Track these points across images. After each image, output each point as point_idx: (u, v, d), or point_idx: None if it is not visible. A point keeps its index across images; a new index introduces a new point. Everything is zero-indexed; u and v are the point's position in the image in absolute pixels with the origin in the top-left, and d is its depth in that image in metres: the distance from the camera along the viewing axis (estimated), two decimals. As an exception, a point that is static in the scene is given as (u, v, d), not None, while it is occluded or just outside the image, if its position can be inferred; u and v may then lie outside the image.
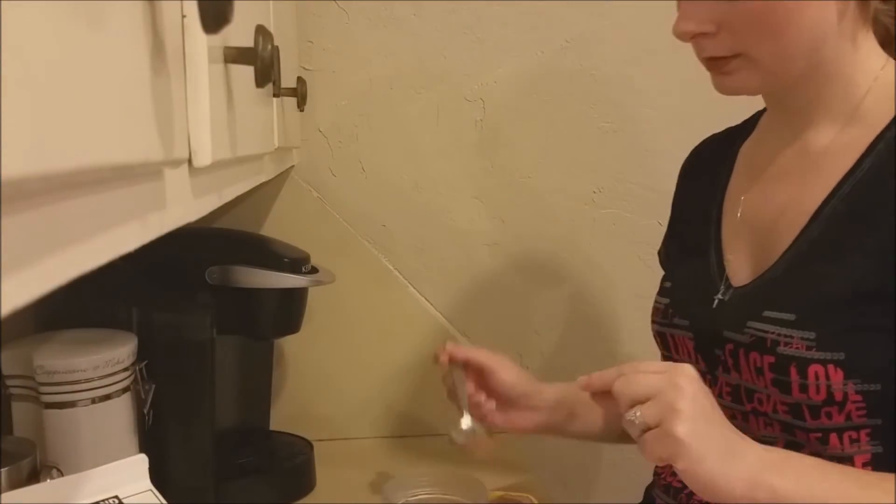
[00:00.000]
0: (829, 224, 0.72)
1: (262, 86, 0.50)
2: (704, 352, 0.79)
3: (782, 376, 0.69)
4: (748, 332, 0.73)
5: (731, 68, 0.72)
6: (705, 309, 0.79)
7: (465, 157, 1.26)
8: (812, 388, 0.67)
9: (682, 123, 1.24)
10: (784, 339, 0.70)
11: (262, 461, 1.10)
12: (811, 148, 0.76)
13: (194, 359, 0.92)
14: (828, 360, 0.67)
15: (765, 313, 0.72)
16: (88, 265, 0.27)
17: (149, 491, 0.64)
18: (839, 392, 0.67)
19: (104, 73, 0.26)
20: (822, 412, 0.68)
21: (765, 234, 0.77)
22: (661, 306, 0.86)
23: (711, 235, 0.84)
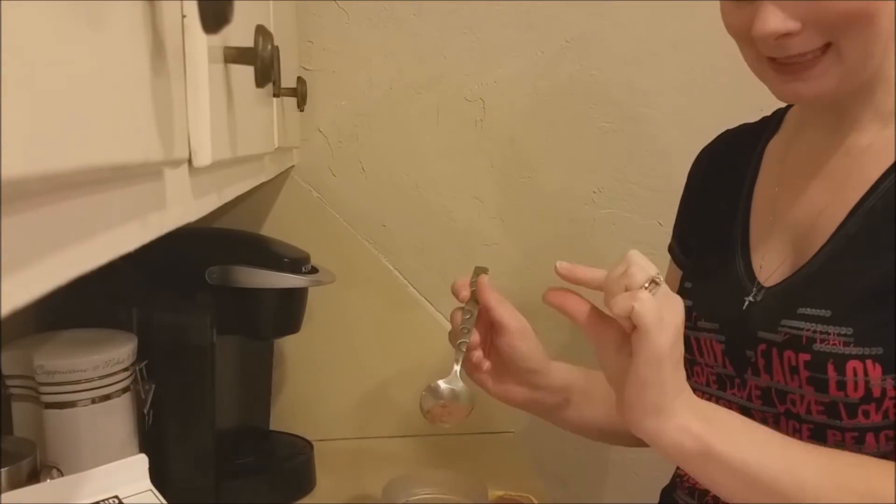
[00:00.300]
0: (866, 220, 0.71)
1: (262, 86, 0.50)
2: (733, 355, 0.78)
3: (819, 374, 0.69)
4: (782, 330, 0.72)
5: (818, 71, 0.69)
6: (735, 311, 0.78)
7: (465, 157, 1.26)
8: (850, 384, 0.67)
9: (682, 123, 1.25)
10: (820, 335, 0.69)
11: (262, 461, 1.10)
12: (854, 148, 0.75)
13: (194, 359, 0.92)
14: (866, 356, 0.67)
15: (799, 310, 0.71)
16: (88, 265, 0.27)
17: (149, 491, 0.64)
18: (878, 388, 0.66)
19: (104, 73, 0.26)
20: (859, 410, 0.68)
21: (801, 233, 0.76)
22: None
23: (738, 235, 0.83)
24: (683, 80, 1.24)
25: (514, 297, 1.30)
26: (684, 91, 1.24)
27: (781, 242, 0.78)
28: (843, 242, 0.72)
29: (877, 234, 0.70)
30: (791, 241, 0.77)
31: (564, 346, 1.31)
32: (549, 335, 1.31)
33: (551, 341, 1.32)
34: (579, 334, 1.33)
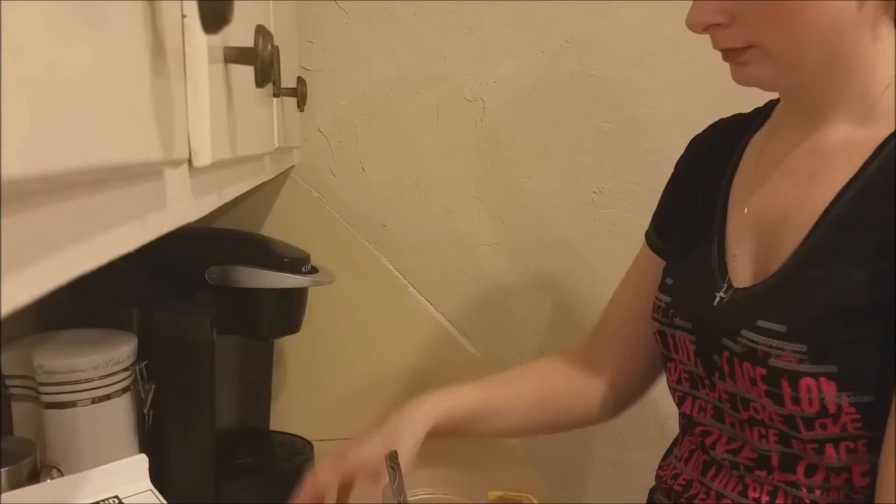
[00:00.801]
0: (828, 229, 0.70)
1: (262, 86, 0.50)
2: (704, 357, 0.77)
3: (774, 388, 0.68)
4: (741, 341, 0.71)
5: (745, 59, 0.71)
6: (706, 309, 0.77)
7: (465, 157, 1.26)
8: (804, 400, 0.66)
9: (682, 123, 1.24)
10: (775, 351, 0.68)
11: (262, 461, 1.10)
12: (822, 146, 0.74)
13: (194, 359, 0.92)
14: (819, 373, 0.65)
15: (758, 323, 0.70)
16: (88, 265, 0.27)
17: (149, 491, 0.64)
18: (832, 404, 0.65)
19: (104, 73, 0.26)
20: (816, 424, 0.67)
21: (770, 234, 0.75)
22: (662, 304, 0.83)
23: (715, 228, 0.81)
24: (683, 80, 1.24)
25: (514, 297, 1.30)
26: (684, 91, 1.24)
27: (752, 240, 0.77)
28: (806, 253, 0.70)
29: (835, 245, 0.69)
30: (761, 241, 0.76)
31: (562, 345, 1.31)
32: (548, 335, 1.31)
33: (549, 340, 1.32)
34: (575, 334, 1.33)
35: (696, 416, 0.80)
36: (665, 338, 0.82)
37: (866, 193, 0.68)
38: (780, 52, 0.69)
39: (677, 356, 0.81)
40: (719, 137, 0.89)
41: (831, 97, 0.72)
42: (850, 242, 0.68)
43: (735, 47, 0.70)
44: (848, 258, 0.67)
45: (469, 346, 1.27)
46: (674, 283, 0.84)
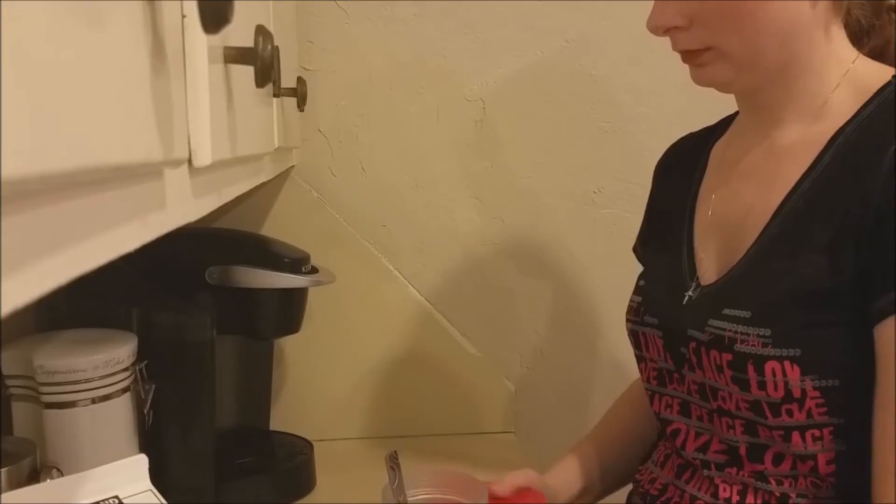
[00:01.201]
0: (786, 221, 0.72)
1: (262, 86, 0.50)
2: (672, 350, 0.79)
3: (740, 374, 0.70)
4: (708, 329, 0.73)
5: (703, 61, 0.73)
6: (674, 307, 0.79)
7: (465, 157, 1.26)
8: (770, 384, 0.68)
9: (682, 123, 1.24)
10: (741, 336, 0.70)
11: (262, 461, 1.10)
12: (777, 146, 0.76)
13: (194, 359, 0.92)
14: (784, 357, 0.67)
15: (724, 311, 0.72)
16: (88, 265, 0.27)
17: (149, 491, 0.64)
18: (797, 388, 0.67)
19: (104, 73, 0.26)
20: (782, 409, 0.68)
21: (732, 232, 0.77)
22: (634, 304, 0.86)
23: (684, 233, 0.84)
24: (683, 80, 1.24)
25: (514, 297, 1.30)
26: (684, 91, 1.24)
27: (717, 240, 0.80)
28: (766, 244, 0.73)
29: (796, 235, 0.71)
30: (725, 240, 0.78)
31: (562, 344, 1.31)
32: (548, 334, 1.31)
33: (549, 339, 1.32)
34: (575, 334, 1.33)
35: (664, 414, 0.82)
36: (637, 336, 0.85)
37: (821, 184, 0.71)
38: (737, 54, 0.71)
39: (648, 354, 0.83)
40: (686, 149, 0.93)
41: (786, 97, 0.75)
42: (808, 231, 0.70)
43: (694, 49, 0.73)
44: (807, 246, 0.69)
45: (469, 346, 1.27)
46: (645, 284, 0.87)
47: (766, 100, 0.76)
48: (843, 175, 0.69)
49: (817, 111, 0.74)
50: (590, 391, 1.32)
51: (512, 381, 1.29)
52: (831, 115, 0.73)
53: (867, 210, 0.65)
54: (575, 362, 1.31)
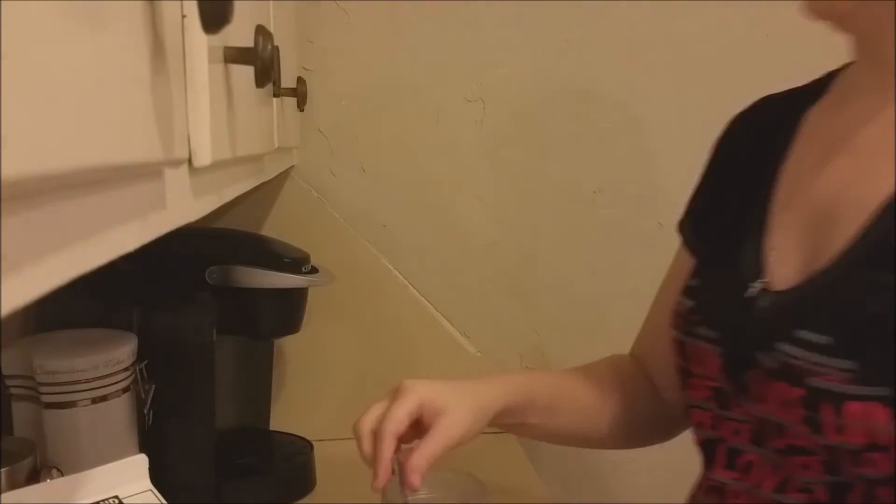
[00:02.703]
0: (892, 222, 0.57)
1: (262, 86, 0.50)
2: (732, 372, 0.64)
3: (813, 413, 0.56)
4: (776, 355, 0.59)
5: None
6: (735, 315, 0.65)
7: (465, 157, 1.25)
8: (850, 429, 0.55)
9: (682, 123, 1.24)
10: (816, 367, 0.56)
11: (262, 461, 1.10)
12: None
13: (194, 359, 0.92)
14: (871, 397, 0.54)
15: (797, 333, 0.58)
16: (88, 265, 0.27)
17: (149, 491, 0.64)
18: (886, 435, 0.53)
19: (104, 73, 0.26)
20: (863, 458, 0.55)
21: (822, 223, 0.62)
22: (682, 309, 0.71)
23: (753, 220, 0.68)
24: (683, 80, 1.24)
25: (514, 297, 1.30)
26: (684, 91, 1.24)
27: (800, 230, 0.64)
28: (869, 245, 0.57)
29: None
30: (810, 231, 0.63)
31: (562, 345, 1.31)
32: (548, 334, 1.31)
33: (549, 339, 1.32)
34: (575, 334, 1.33)
35: (732, 442, 0.67)
36: (683, 349, 0.70)
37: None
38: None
39: (700, 370, 0.69)
40: (766, 115, 0.75)
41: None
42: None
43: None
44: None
45: (469, 346, 1.27)
46: (699, 285, 0.71)
47: (890, 50, 0.59)
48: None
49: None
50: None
51: (512, 381, 1.29)
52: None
53: None
54: (575, 362, 1.31)
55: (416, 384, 0.72)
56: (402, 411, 0.69)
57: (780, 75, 0.85)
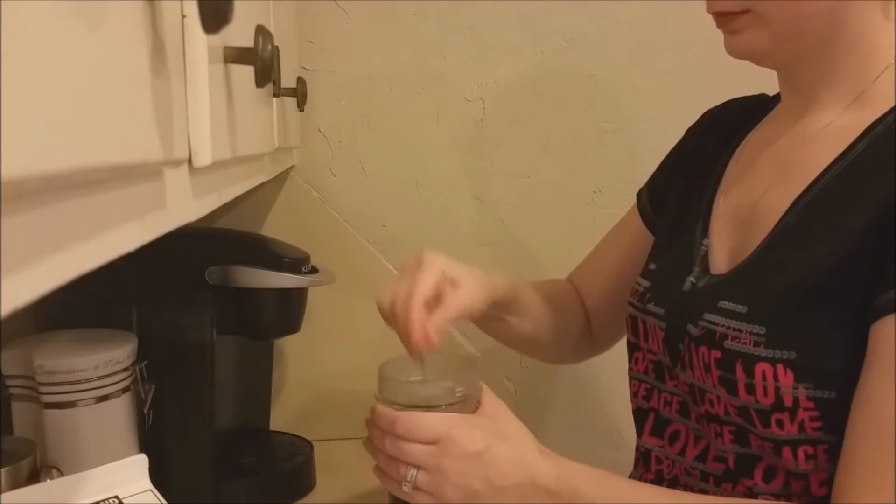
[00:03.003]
0: (806, 210, 0.66)
1: (262, 86, 0.50)
2: (670, 344, 0.74)
3: (728, 374, 0.64)
4: (701, 324, 0.68)
5: (738, 26, 0.67)
6: (677, 295, 0.74)
7: (465, 157, 1.26)
8: (759, 388, 0.62)
9: (682, 123, 1.24)
10: (733, 332, 0.65)
11: (262, 461, 1.10)
12: (807, 131, 0.70)
13: (194, 359, 0.92)
14: (776, 360, 0.61)
15: (719, 304, 0.67)
16: (88, 265, 0.27)
17: (149, 491, 0.64)
18: (788, 396, 0.61)
19: (104, 73, 0.26)
20: (771, 419, 0.62)
21: (748, 221, 0.72)
22: (640, 289, 0.80)
23: (700, 217, 0.78)
24: (683, 80, 1.24)
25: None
26: (684, 91, 1.24)
27: (731, 228, 0.74)
28: (780, 234, 0.67)
29: (813, 225, 0.64)
30: (739, 229, 0.73)
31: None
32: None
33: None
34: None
35: (663, 412, 0.76)
36: (636, 323, 0.79)
37: (850, 173, 0.65)
38: (776, 19, 0.65)
39: (646, 344, 0.78)
40: (730, 117, 0.85)
41: (826, 76, 0.68)
42: (827, 221, 0.64)
43: (730, 11, 0.67)
44: (823, 237, 0.63)
45: (469, 346, 1.27)
46: (656, 269, 0.81)
47: (805, 78, 0.69)
48: (876, 165, 0.63)
49: (857, 96, 0.67)
50: (590, 391, 1.32)
51: (512, 381, 1.29)
52: (873, 101, 0.66)
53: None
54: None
55: (436, 257, 0.77)
56: (430, 282, 0.74)
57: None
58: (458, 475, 0.66)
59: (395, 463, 0.69)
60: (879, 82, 0.66)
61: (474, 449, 0.66)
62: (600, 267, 0.96)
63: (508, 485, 0.66)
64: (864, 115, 0.66)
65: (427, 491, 0.67)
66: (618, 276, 0.93)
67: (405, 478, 0.68)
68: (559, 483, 0.66)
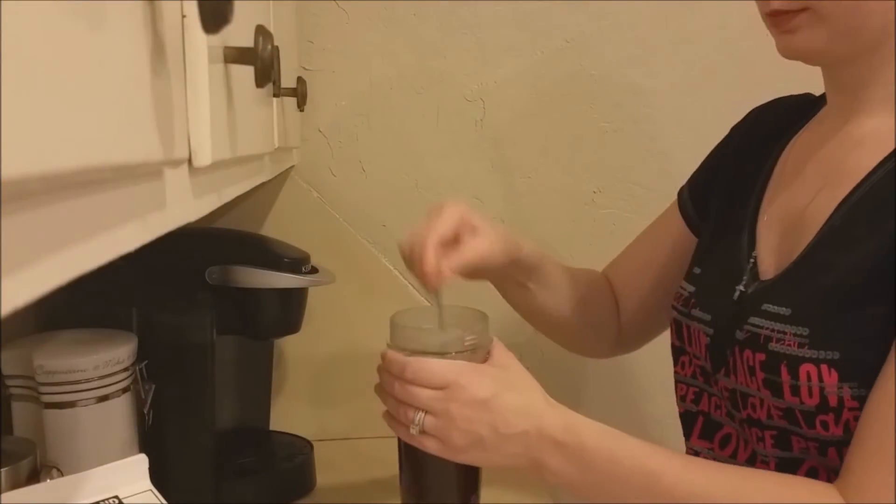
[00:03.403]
0: (850, 212, 0.66)
1: (262, 86, 0.50)
2: (715, 351, 0.73)
3: (773, 376, 0.65)
4: (746, 328, 0.69)
5: (795, 24, 0.66)
6: (726, 302, 0.73)
7: (465, 157, 1.25)
8: (804, 389, 0.63)
9: (682, 123, 1.24)
10: (777, 334, 0.65)
11: (262, 461, 1.10)
12: (853, 135, 0.70)
13: (194, 359, 0.92)
14: (821, 360, 0.62)
15: (763, 307, 0.68)
16: (88, 265, 0.27)
17: (149, 491, 0.64)
18: (833, 396, 0.62)
19: (104, 73, 0.26)
20: (816, 420, 0.63)
21: (794, 227, 0.72)
22: (684, 293, 0.80)
23: (748, 219, 0.77)
24: (683, 80, 1.24)
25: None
26: (684, 91, 1.24)
27: (777, 233, 0.74)
28: (825, 236, 0.67)
29: (858, 226, 0.65)
30: (785, 235, 0.73)
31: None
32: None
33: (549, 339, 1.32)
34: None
35: (715, 415, 0.76)
36: (681, 328, 0.79)
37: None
38: (834, 16, 0.64)
39: (691, 349, 0.78)
40: (775, 118, 0.84)
41: (875, 78, 0.68)
42: (872, 221, 0.64)
43: (790, 10, 0.66)
44: (867, 237, 0.64)
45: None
46: (701, 273, 0.80)
47: (853, 79, 0.69)
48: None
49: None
50: (590, 391, 1.32)
51: (512, 381, 1.29)
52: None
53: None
54: (575, 362, 1.31)
55: (459, 202, 0.79)
56: (448, 223, 0.76)
57: (779, 75, 0.85)
58: (464, 420, 0.67)
59: (404, 407, 0.70)
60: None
61: (481, 395, 0.67)
62: (636, 264, 0.95)
63: (514, 433, 0.67)
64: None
65: (434, 435, 0.68)
66: (655, 274, 0.92)
67: (413, 421, 0.69)
68: (566, 434, 0.66)
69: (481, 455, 0.69)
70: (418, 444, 0.70)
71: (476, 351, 0.74)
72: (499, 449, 0.67)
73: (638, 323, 0.95)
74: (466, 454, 0.69)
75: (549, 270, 0.89)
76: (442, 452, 0.69)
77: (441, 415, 0.68)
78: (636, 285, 0.94)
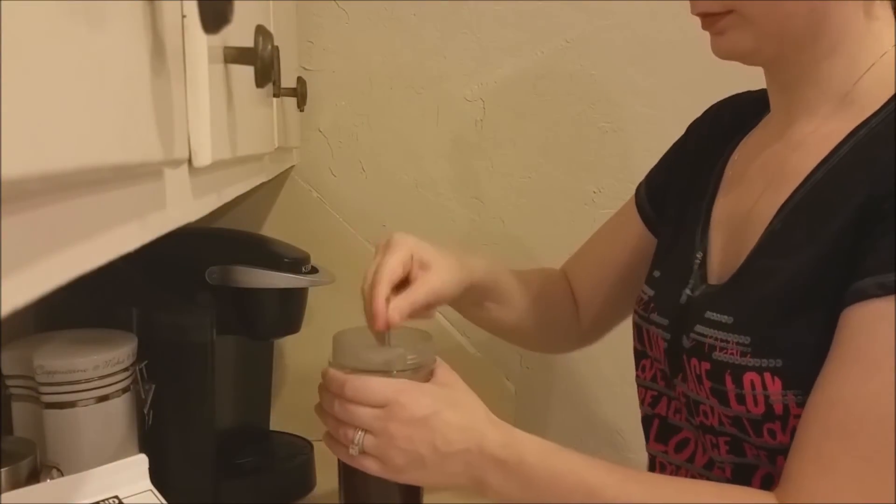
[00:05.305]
0: (790, 216, 0.66)
1: (262, 86, 0.50)
2: (671, 356, 0.73)
3: (719, 385, 0.64)
4: (692, 335, 0.68)
5: (722, 26, 0.67)
6: (676, 306, 0.74)
7: (465, 157, 1.25)
8: (749, 398, 0.62)
9: (681, 123, 1.24)
10: (720, 343, 0.65)
11: (261, 461, 1.10)
12: (793, 139, 0.70)
13: (194, 359, 0.92)
14: (764, 368, 0.62)
15: (706, 315, 0.67)
16: (88, 265, 0.27)
17: (149, 491, 0.64)
18: (778, 404, 0.61)
19: (104, 73, 0.26)
20: (763, 428, 0.63)
21: (739, 231, 0.72)
22: (644, 297, 0.80)
23: (700, 219, 0.76)
24: (683, 80, 1.24)
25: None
26: (684, 91, 1.24)
27: (724, 235, 0.74)
28: (763, 244, 0.67)
29: (798, 230, 0.64)
30: (731, 239, 0.73)
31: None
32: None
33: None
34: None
35: (672, 419, 0.76)
36: (641, 332, 0.79)
37: (835, 177, 0.64)
38: (760, 18, 0.65)
39: (652, 353, 0.78)
40: (731, 115, 0.84)
41: (811, 76, 0.68)
42: (811, 225, 0.64)
43: (714, 12, 0.67)
44: (807, 241, 0.63)
45: (469, 346, 1.27)
46: (660, 277, 0.80)
47: (790, 78, 0.69)
48: (858, 168, 0.63)
49: (843, 98, 0.66)
50: (590, 391, 1.32)
51: (512, 381, 1.29)
52: (857, 104, 0.66)
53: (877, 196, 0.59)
54: (575, 362, 1.31)
55: (407, 238, 0.78)
56: (395, 260, 0.75)
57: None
58: (404, 439, 0.66)
59: (344, 427, 0.69)
60: (864, 82, 0.66)
61: (421, 414, 0.66)
62: (592, 259, 0.96)
63: (454, 451, 0.66)
64: (850, 119, 0.66)
65: (374, 455, 0.67)
66: (610, 268, 0.92)
67: (353, 441, 0.68)
68: (505, 450, 0.66)
69: (422, 474, 0.67)
70: (358, 465, 0.68)
71: (418, 370, 0.73)
72: (439, 468, 0.66)
73: (594, 317, 0.95)
74: (407, 474, 0.67)
75: (503, 287, 0.88)
76: (382, 473, 0.67)
77: (381, 433, 0.66)
78: (591, 281, 0.94)
